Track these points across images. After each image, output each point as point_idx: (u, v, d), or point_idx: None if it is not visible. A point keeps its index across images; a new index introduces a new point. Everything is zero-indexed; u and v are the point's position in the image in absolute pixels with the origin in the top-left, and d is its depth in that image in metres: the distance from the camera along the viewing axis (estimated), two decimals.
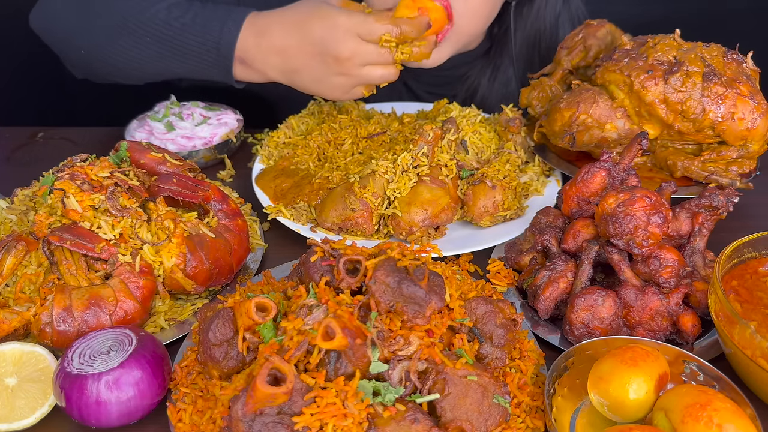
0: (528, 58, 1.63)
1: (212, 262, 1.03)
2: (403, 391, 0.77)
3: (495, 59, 1.66)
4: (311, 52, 1.24)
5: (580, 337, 0.95)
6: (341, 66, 1.23)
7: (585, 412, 0.84)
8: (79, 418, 0.82)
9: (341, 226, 1.19)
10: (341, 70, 1.24)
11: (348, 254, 0.86)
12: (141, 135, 1.47)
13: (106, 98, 2.08)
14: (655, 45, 1.24)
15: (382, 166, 1.20)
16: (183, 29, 1.30)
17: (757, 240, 0.98)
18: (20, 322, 0.93)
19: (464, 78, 1.69)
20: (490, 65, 1.67)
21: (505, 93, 1.66)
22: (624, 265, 0.97)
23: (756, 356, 0.82)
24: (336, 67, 1.24)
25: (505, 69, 1.66)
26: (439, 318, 0.84)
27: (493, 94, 1.68)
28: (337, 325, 0.73)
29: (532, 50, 1.62)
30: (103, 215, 1.00)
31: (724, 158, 1.23)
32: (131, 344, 0.86)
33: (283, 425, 0.71)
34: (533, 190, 1.33)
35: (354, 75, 1.25)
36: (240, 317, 0.83)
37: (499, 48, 1.65)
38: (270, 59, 1.29)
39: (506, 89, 1.67)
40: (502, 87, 1.67)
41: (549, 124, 1.31)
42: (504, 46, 1.64)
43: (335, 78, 1.26)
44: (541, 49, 1.62)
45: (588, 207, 1.07)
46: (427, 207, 1.17)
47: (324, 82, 1.28)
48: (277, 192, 1.29)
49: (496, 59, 1.66)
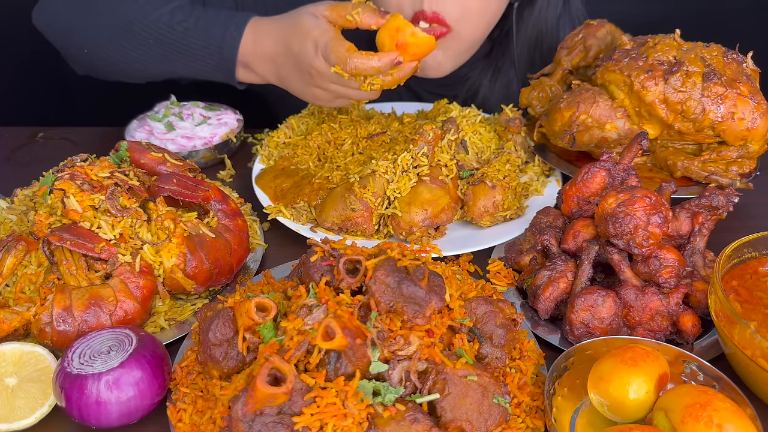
0: (529, 59, 1.64)
1: (212, 262, 1.03)
2: (403, 391, 0.77)
3: (496, 60, 1.67)
4: (292, 63, 1.26)
5: (580, 337, 0.95)
6: (316, 80, 1.24)
7: (585, 412, 0.84)
8: (79, 418, 0.82)
9: (341, 226, 1.19)
10: (317, 83, 1.25)
11: (348, 254, 0.86)
12: (141, 135, 1.47)
13: (106, 98, 2.08)
14: (655, 45, 1.24)
15: (382, 166, 1.20)
16: (186, 33, 1.31)
17: (757, 240, 0.98)
18: (20, 322, 0.93)
19: (465, 79, 1.69)
20: (491, 67, 1.67)
21: (507, 94, 1.66)
22: (624, 265, 0.97)
23: (756, 356, 0.82)
24: (313, 80, 1.25)
25: (506, 71, 1.66)
26: (439, 318, 0.84)
27: (494, 95, 1.68)
28: (337, 325, 0.73)
29: (533, 51, 1.63)
30: (103, 215, 1.00)
31: (724, 158, 1.23)
32: (131, 344, 0.86)
33: (283, 425, 0.71)
34: (533, 190, 1.33)
35: (330, 90, 1.25)
36: (240, 317, 0.83)
37: (500, 50, 1.65)
38: (265, 65, 1.30)
39: (507, 90, 1.67)
40: (504, 88, 1.67)
41: (549, 124, 1.31)
42: (505, 47, 1.64)
43: (315, 90, 1.27)
44: (543, 50, 1.62)
45: (588, 207, 1.07)
46: (427, 207, 1.17)
47: (307, 93, 1.29)
48: (277, 192, 1.29)
49: (498, 61, 1.66)
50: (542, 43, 1.61)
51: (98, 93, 2.15)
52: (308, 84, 1.27)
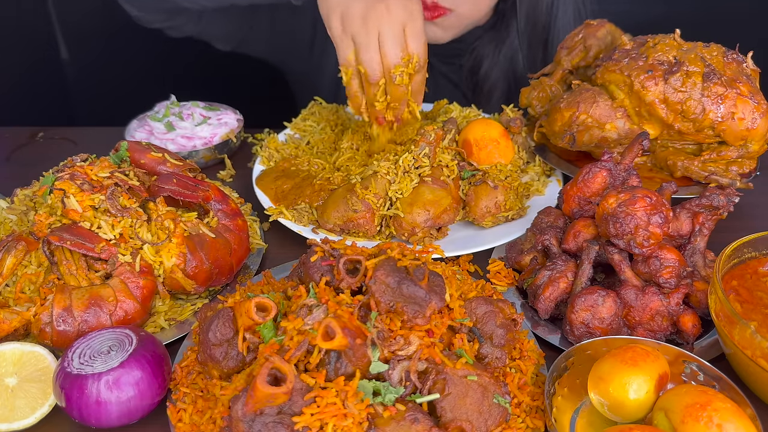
0: (532, 30, 1.67)
1: (212, 262, 1.03)
2: (403, 391, 0.77)
3: (500, 32, 1.70)
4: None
5: (580, 337, 0.95)
6: (375, 9, 1.19)
7: (585, 412, 0.84)
8: (79, 418, 0.82)
9: (343, 228, 1.19)
10: (370, 13, 1.19)
11: (348, 254, 0.86)
12: (141, 135, 1.47)
13: (106, 98, 2.08)
14: (655, 45, 1.24)
15: (383, 167, 1.20)
16: None
17: (757, 240, 0.98)
18: (20, 322, 0.93)
19: (472, 49, 1.73)
20: (495, 38, 1.71)
21: (511, 64, 1.70)
22: (624, 265, 0.97)
23: (756, 356, 0.82)
24: (372, 3, 1.19)
25: (510, 42, 1.69)
26: (439, 318, 0.84)
27: (498, 65, 1.71)
28: (337, 325, 0.73)
29: (535, 24, 1.66)
30: (103, 215, 1.00)
31: (724, 158, 1.23)
32: (131, 344, 0.86)
33: (283, 425, 0.71)
34: (534, 190, 1.33)
35: (368, 28, 1.20)
36: (240, 317, 0.83)
37: (504, 22, 1.68)
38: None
39: (512, 61, 1.71)
40: (507, 60, 1.71)
41: (549, 124, 1.31)
42: (510, 19, 1.67)
43: (358, 6, 1.20)
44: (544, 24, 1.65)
45: (589, 207, 1.07)
46: (430, 208, 1.17)
47: (350, 2, 1.21)
48: (278, 193, 1.29)
49: (502, 32, 1.70)
50: (542, 17, 1.64)
51: (98, 93, 2.15)
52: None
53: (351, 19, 1.21)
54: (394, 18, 1.19)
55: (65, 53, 2.38)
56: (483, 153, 1.27)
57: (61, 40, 2.35)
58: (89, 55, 2.39)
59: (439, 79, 1.79)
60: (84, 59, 2.40)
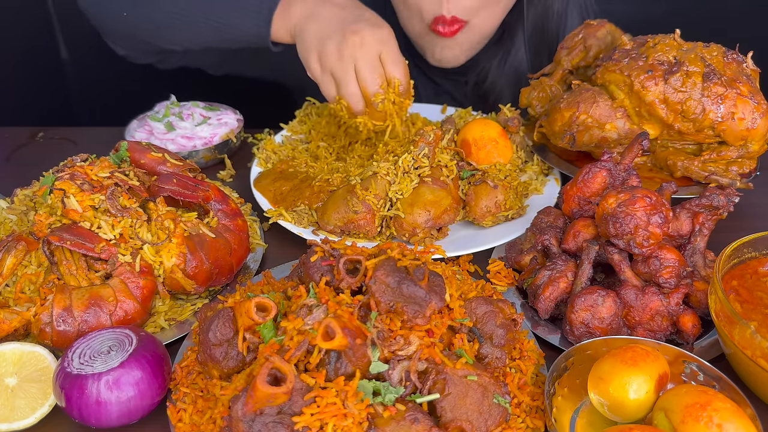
0: (539, 42, 1.68)
1: (212, 262, 1.03)
2: (403, 391, 0.77)
3: (506, 45, 1.71)
4: (340, 14, 1.25)
5: (580, 337, 0.95)
6: (347, 43, 1.22)
7: (585, 412, 0.84)
8: (79, 418, 0.82)
9: (344, 229, 1.18)
10: (344, 47, 1.23)
11: (348, 254, 0.86)
12: (141, 135, 1.47)
13: (106, 98, 2.08)
14: (655, 45, 1.24)
15: (383, 168, 1.20)
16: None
17: (757, 240, 0.98)
18: (20, 322, 0.93)
19: (476, 64, 1.73)
20: (500, 51, 1.72)
21: (516, 76, 1.71)
22: (624, 265, 0.97)
23: (756, 356, 0.82)
24: (344, 38, 1.22)
25: (515, 53, 1.70)
26: (439, 318, 0.84)
27: (502, 77, 1.73)
28: (337, 325, 0.73)
29: (542, 34, 1.67)
30: (103, 215, 1.00)
31: (724, 158, 1.23)
32: (131, 344, 0.86)
33: (283, 425, 0.71)
34: (533, 189, 1.33)
35: (344, 62, 1.24)
36: (240, 317, 0.83)
37: (510, 34, 1.69)
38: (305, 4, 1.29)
39: (516, 73, 1.72)
40: (512, 72, 1.72)
41: (549, 124, 1.31)
42: (515, 32, 1.68)
43: (332, 44, 1.24)
44: (551, 33, 1.67)
45: (589, 207, 1.07)
46: (430, 208, 1.17)
47: (324, 41, 1.25)
48: (277, 195, 1.29)
49: (507, 44, 1.71)
50: (550, 27, 1.66)
51: (98, 93, 2.15)
52: (334, 33, 1.24)
53: (327, 56, 1.25)
54: (368, 48, 1.23)
55: (65, 53, 2.38)
56: (482, 153, 1.27)
57: (61, 40, 2.35)
58: (89, 55, 2.39)
59: (443, 97, 1.79)
60: (84, 59, 2.40)
